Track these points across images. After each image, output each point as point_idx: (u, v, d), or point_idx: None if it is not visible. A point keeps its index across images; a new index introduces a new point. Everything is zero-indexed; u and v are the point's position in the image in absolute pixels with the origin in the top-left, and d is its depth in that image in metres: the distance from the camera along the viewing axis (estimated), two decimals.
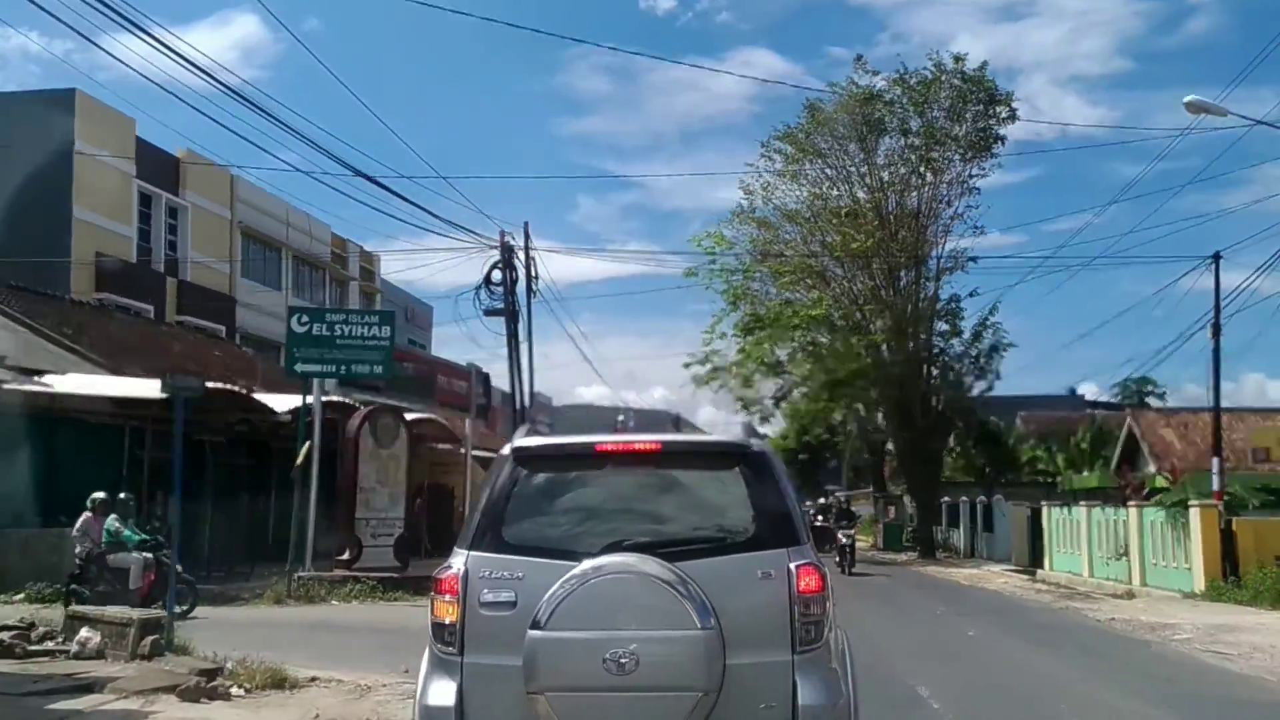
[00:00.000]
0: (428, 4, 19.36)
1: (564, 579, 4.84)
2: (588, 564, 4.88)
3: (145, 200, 36.00)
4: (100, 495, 15.66)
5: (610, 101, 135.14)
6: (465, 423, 28.70)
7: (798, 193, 36.87)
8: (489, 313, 22.11)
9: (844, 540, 26.72)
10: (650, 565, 4.87)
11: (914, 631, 15.65)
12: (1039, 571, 29.22)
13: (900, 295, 35.85)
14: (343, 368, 19.42)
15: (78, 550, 15.30)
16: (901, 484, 50.85)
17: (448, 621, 5.04)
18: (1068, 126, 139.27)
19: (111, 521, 15.46)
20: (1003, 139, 36.30)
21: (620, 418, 53.20)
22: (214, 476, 23.30)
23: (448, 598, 5.06)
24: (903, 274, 36.18)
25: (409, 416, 27.95)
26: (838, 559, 26.51)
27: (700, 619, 4.76)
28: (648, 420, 42.57)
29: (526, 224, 22.93)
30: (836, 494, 31.07)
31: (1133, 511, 23.90)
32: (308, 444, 19.03)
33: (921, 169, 35.32)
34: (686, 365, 38.65)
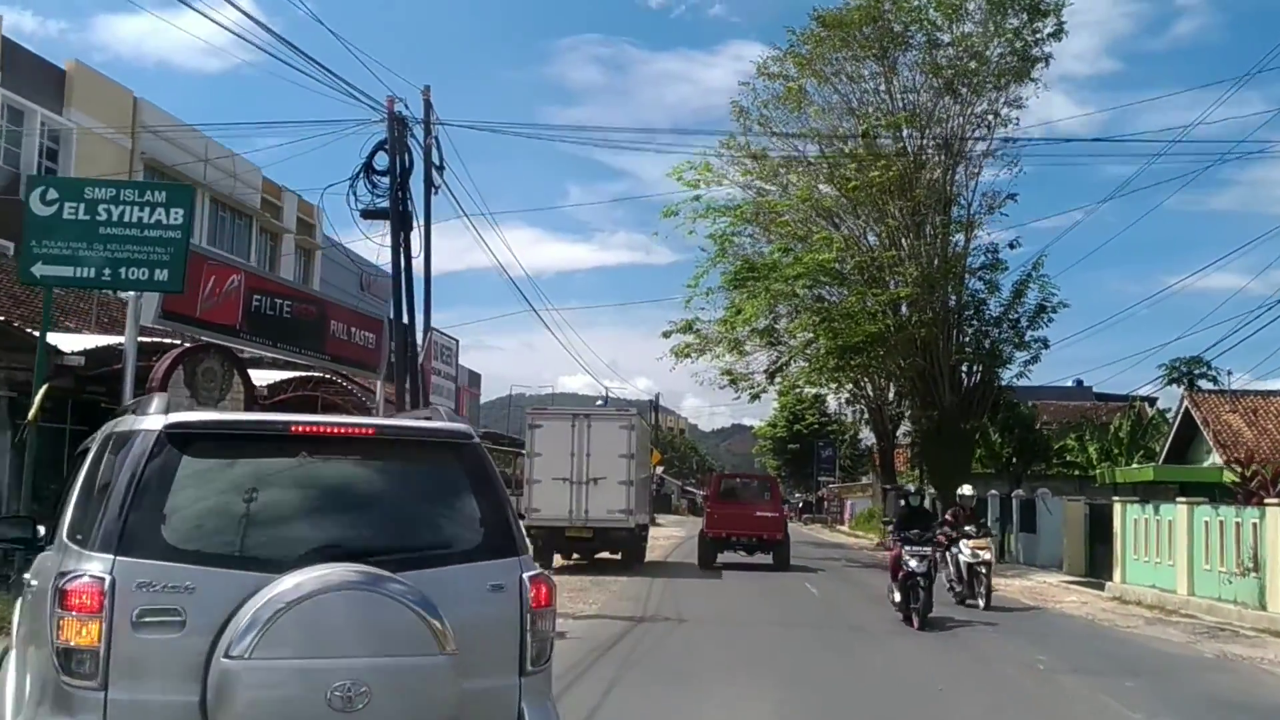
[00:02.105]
0: None
1: (266, 595, 3.83)
2: (298, 576, 3.89)
3: (15, 116, 28.59)
4: None
5: (601, 92, 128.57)
6: (378, 386, 21.56)
7: (802, 121, 29.24)
8: (368, 214, 14.58)
9: (913, 566, 13.77)
10: (379, 578, 3.99)
11: None
12: (1108, 584, 21.98)
13: (926, 243, 28.13)
14: (106, 271, 11.95)
15: None
16: (913, 474, 43.61)
17: (81, 645, 3.79)
18: (1051, 124, 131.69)
19: None
20: (1047, 59, 28.80)
21: (599, 403, 46.24)
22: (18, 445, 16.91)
23: (79, 614, 3.79)
24: (928, 220, 28.49)
25: (281, 376, 20.69)
26: (896, 599, 14.33)
27: (443, 641, 3.98)
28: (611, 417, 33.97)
29: (427, 89, 15.29)
30: (904, 485, 18.11)
31: (1272, 512, 16.49)
32: (44, 387, 11.71)
33: (956, 87, 27.74)
34: (666, 334, 31.28)
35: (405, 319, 15.14)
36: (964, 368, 29.31)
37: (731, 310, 28.01)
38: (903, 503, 15.65)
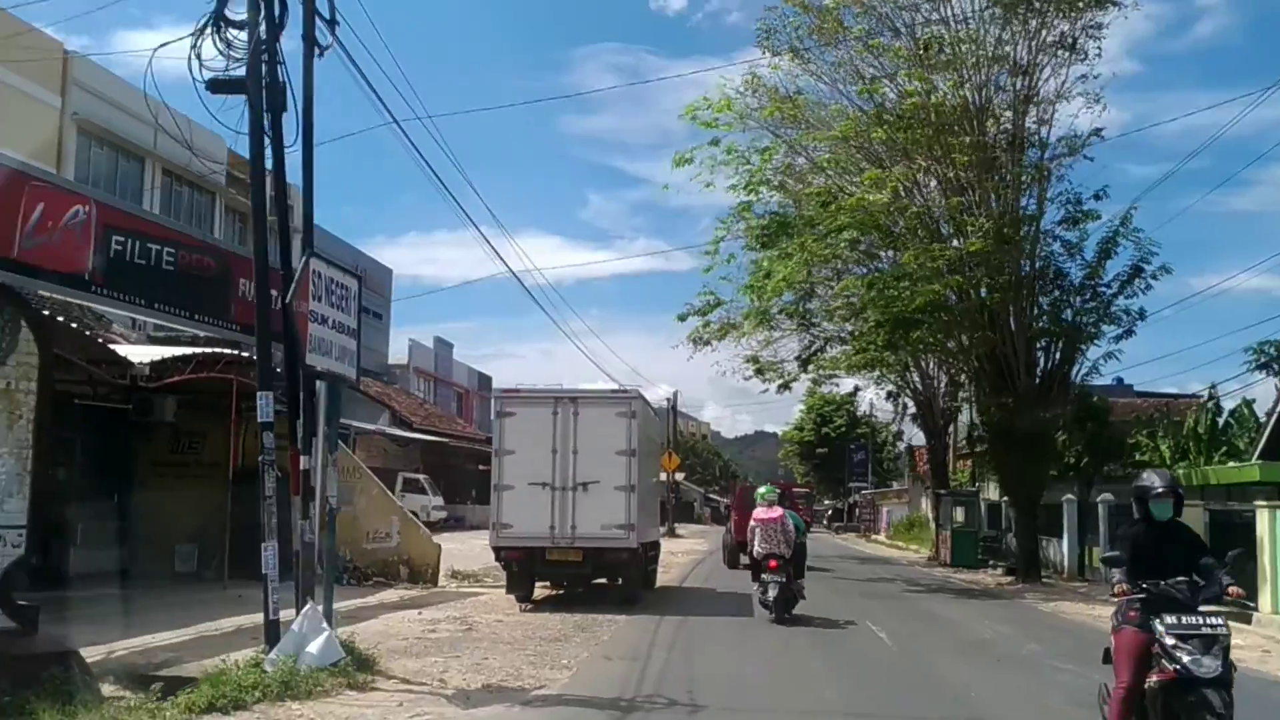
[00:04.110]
0: None
1: None
2: None
3: None
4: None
5: (620, 100, 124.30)
6: None
7: (836, 54, 23.61)
8: (219, 86, 9.33)
9: (1186, 663, 5.70)
10: None
11: None
12: (1255, 615, 16.46)
13: (998, 187, 22.37)
14: None
15: (774, 552, 11.78)
16: (961, 476, 37.95)
17: None
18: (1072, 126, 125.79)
19: (793, 515, 12.43)
20: None
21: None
22: None
23: None
24: (999, 163, 22.77)
25: (172, 352, 15.55)
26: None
27: None
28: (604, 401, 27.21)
29: None
30: (1147, 476, 6.45)
31: None
32: None
33: (1023, 13, 22.20)
34: (682, 318, 25.93)
35: (276, 247, 9.85)
36: (1040, 345, 23.59)
37: (759, 275, 22.46)
38: (1139, 516, 6.48)
